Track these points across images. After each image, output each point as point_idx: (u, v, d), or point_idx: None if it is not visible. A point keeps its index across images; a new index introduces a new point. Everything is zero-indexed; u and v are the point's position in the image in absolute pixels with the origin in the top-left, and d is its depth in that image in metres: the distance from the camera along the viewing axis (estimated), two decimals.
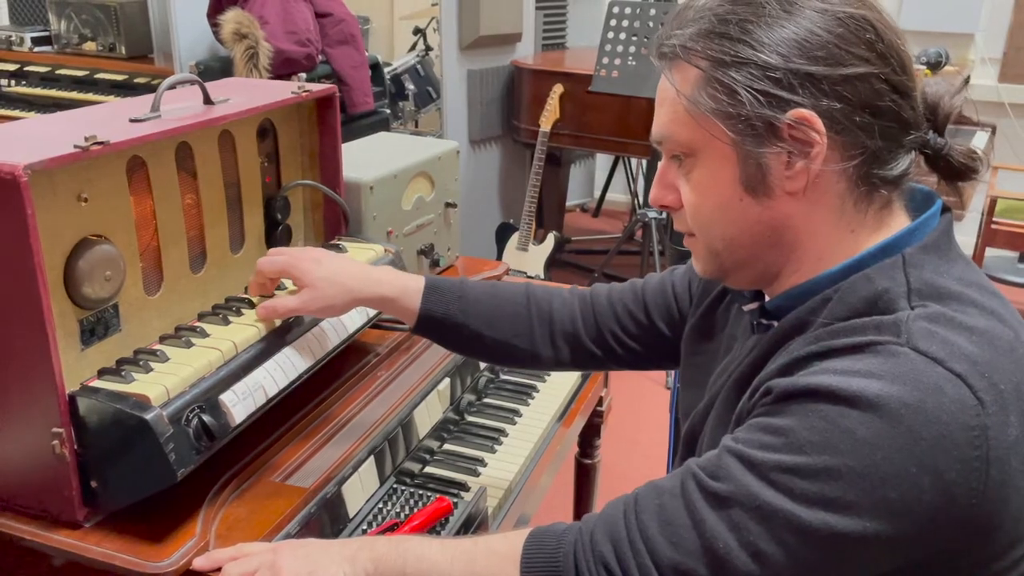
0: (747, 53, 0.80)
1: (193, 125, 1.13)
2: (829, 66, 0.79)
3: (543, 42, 4.34)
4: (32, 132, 1.12)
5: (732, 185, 0.84)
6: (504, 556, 0.86)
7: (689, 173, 0.87)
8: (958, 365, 0.73)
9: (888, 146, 0.81)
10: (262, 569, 0.92)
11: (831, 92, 0.79)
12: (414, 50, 4.47)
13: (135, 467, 0.96)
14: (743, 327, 0.98)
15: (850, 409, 0.72)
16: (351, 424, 1.25)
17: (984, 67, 4.20)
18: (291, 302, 1.14)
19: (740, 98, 0.80)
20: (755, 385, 0.84)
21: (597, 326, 1.19)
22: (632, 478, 0.91)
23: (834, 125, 0.79)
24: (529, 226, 3.62)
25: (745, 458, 0.77)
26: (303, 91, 1.34)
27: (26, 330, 0.93)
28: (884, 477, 0.71)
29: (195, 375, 1.03)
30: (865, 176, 0.82)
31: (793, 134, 0.80)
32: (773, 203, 0.84)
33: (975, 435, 0.71)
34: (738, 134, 0.82)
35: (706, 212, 0.87)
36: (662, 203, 0.92)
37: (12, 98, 3.45)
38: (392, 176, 1.55)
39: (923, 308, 0.78)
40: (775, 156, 0.81)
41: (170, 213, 1.16)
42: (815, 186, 0.82)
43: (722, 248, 0.89)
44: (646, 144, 3.54)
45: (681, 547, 0.78)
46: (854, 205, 0.84)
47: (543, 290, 1.22)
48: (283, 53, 2.97)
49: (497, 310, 1.18)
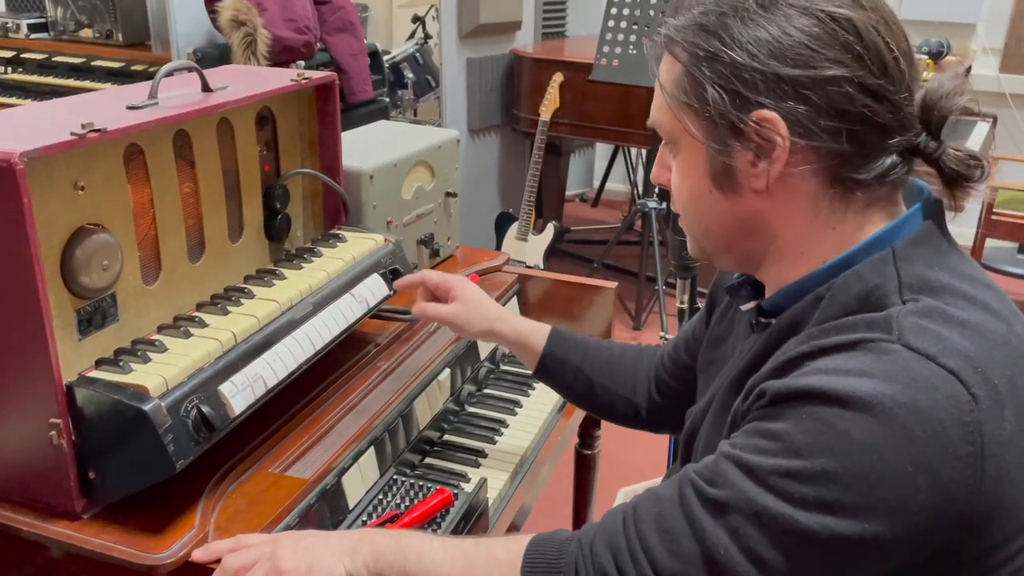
0: (718, 49, 0.79)
1: (191, 113, 1.12)
2: (798, 67, 0.77)
3: (543, 30, 4.32)
4: (28, 120, 1.11)
5: (703, 179, 0.86)
6: (505, 562, 0.86)
7: (675, 158, 0.90)
8: (950, 361, 0.72)
9: (859, 150, 0.79)
10: (261, 561, 0.91)
11: (795, 95, 0.78)
12: (413, 38, 4.44)
13: (133, 458, 0.95)
14: (743, 328, 0.98)
15: (844, 410, 0.72)
16: (351, 415, 1.24)
17: (985, 57, 4.19)
18: (443, 310, 1.28)
19: (707, 95, 0.80)
20: (749, 386, 0.83)
21: (658, 375, 1.25)
22: (632, 468, 0.91)
23: (796, 128, 0.78)
24: (528, 216, 3.61)
25: (743, 463, 0.76)
26: (303, 79, 1.33)
27: (23, 320, 0.92)
28: (881, 477, 0.71)
29: (194, 365, 1.02)
30: (836, 178, 0.81)
31: (759, 134, 0.80)
32: (740, 199, 0.84)
33: (969, 431, 0.71)
34: (704, 131, 0.83)
35: (683, 198, 0.90)
36: (659, 181, 0.95)
37: (8, 85, 3.43)
38: (392, 165, 1.54)
39: (914, 303, 0.77)
40: (740, 155, 0.81)
41: (168, 202, 1.15)
42: (783, 185, 0.82)
43: (700, 234, 0.91)
44: (646, 133, 3.53)
45: (681, 555, 0.77)
46: (829, 204, 0.82)
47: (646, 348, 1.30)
48: (281, 40, 2.94)
49: (613, 360, 1.27)
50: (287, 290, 1.21)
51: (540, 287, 1.74)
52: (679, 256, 1.63)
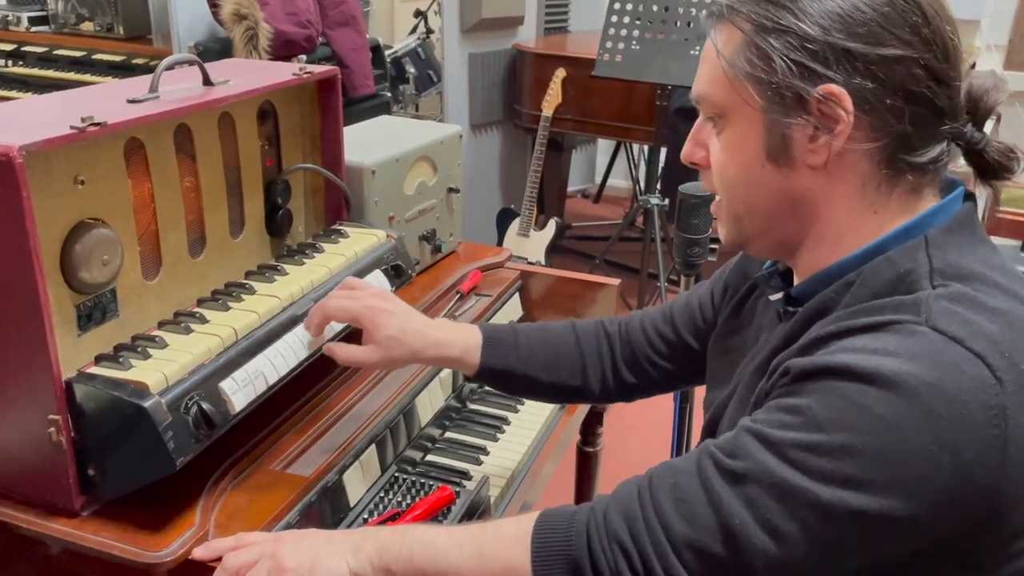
0: (789, 21, 0.79)
1: (192, 107, 1.11)
2: (868, 44, 0.78)
3: (545, 26, 4.31)
4: (28, 113, 1.10)
5: (756, 151, 0.84)
6: (514, 538, 0.85)
7: (720, 133, 0.88)
8: (977, 344, 0.73)
9: (917, 132, 0.80)
10: (263, 560, 0.90)
11: (865, 71, 0.78)
12: (415, 33, 4.43)
13: (133, 455, 0.95)
14: (769, 318, 0.98)
15: (868, 386, 0.72)
16: (352, 412, 1.24)
17: (989, 54, 4.17)
18: (356, 354, 1.14)
19: (774, 66, 0.80)
20: (774, 366, 0.83)
21: (633, 353, 1.21)
22: (634, 466, 0.90)
23: (863, 105, 0.79)
24: (530, 212, 3.60)
25: (763, 437, 0.77)
26: (304, 73, 1.32)
27: (22, 315, 0.91)
28: (902, 455, 0.71)
29: (194, 362, 1.01)
30: (890, 159, 0.82)
31: (822, 108, 0.79)
32: (794, 174, 0.84)
33: (993, 414, 0.71)
34: (767, 101, 0.82)
35: (730, 174, 0.88)
36: (692, 159, 0.93)
37: (9, 79, 3.42)
38: (394, 160, 1.53)
39: (944, 288, 0.78)
40: (800, 128, 0.81)
41: (169, 196, 1.14)
42: (837, 163, 0.82)
43: (743, 212, 0.89)
44: (648, 129, 3.52)
45: (696, 524, 0.77)
46: (877, 187, 0.83)
47: (586, 326, 1.24)
48: (283, 34, 2.93)
49: (551, 354, 1.21)
50: (288, 286, 1.20)
51: (542, 284, 1.73)
52: (682, 253, 1.62)
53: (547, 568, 0.82)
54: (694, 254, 1.40)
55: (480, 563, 0.85)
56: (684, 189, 1.37)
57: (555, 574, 0.82)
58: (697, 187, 1.38)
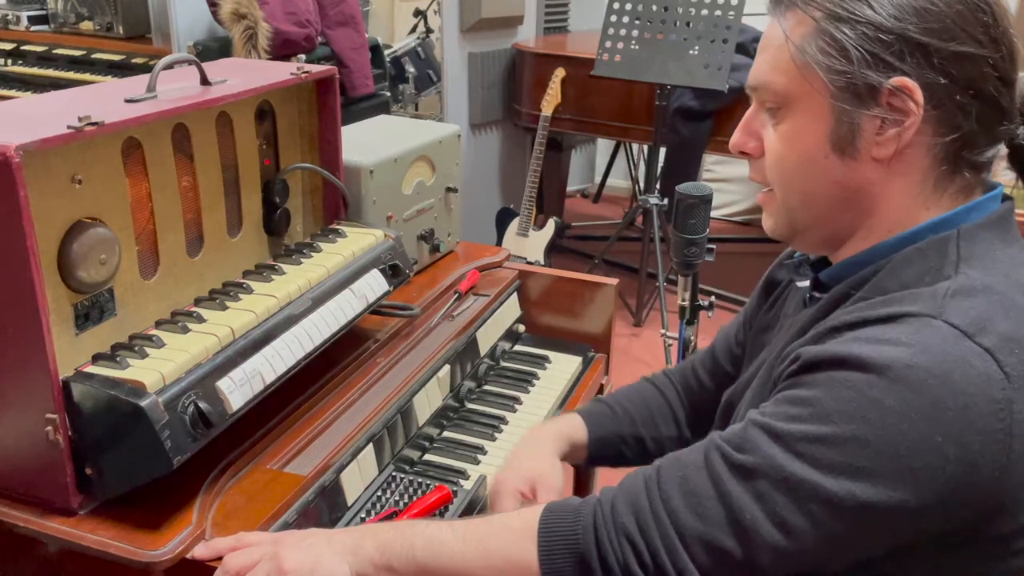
0: (864, 11, 0.79)
1: (190, 106, 1.11)
2: (942, 40, 0.78)
3: (545, 25, 4.30)
4: (26, 112, 1.10)
5: (820, 141, 0.84)
6: (520, 532, 0.85)
7: (779, 123, 0.87)
8: (987, 340, 0.73)
9: (982, 131, 0.81)
10: (263, 561, 0.90)
11: (938, 66, 0.78)
12: (414, 32, 4.43)
13: (130, 454, 0.95)
14: (795, 306, 0.98)
15: (877, 378, 0.73)
16: (349, 411, 1.24)
17: None
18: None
19: (848, 55, 0.80)
20: (787, 351, 0.84)
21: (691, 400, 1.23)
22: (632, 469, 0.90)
23: (933, 99, 0.79)
24: (529, 211, 3.60)
25: (771, 430, 0.77)
26: (303, 72, 1.32)
27: (19, 314, 0.91)
28: (910, 446, 0.72)
29: (191, 361, 1.01)
30: (952, 156, 0.82)
31: (891, 101, 0.80)
32: (857, 166, 0.83)
33: (1000, 408, 0.72)
34: (838, 90, 0.81)
35: (789, 164, 0.87)
36: (742, 149, 0.92)
37: (8, 78, 3.42)
38: (392, 160, 1.53)
39: (964, 277, 0.78)
40: (869, 119, 0.81)
41: (166, 196, 1.14)
42: (901, 156, 0.82)
43: (797, 204, 0.89)
44: (648, 129, 3.52)
45: (706, 518, 0.78)
46: (934, 183, 0.83)
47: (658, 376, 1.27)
48: (282, 34, 2.93)
49: (645, 410, 1.22)
50: (286, 285, 1.20)
51: (541, 283, 1.73)
52: (679, 252, 1.62)
53: (554, 562, 0.82)
54: (691, 254, 1.39)
55: (484, 557, 0.85)
56: (682, 189, 1.37)
57: (562, 567, 0.82)
58: (695, 187, 1.38)
